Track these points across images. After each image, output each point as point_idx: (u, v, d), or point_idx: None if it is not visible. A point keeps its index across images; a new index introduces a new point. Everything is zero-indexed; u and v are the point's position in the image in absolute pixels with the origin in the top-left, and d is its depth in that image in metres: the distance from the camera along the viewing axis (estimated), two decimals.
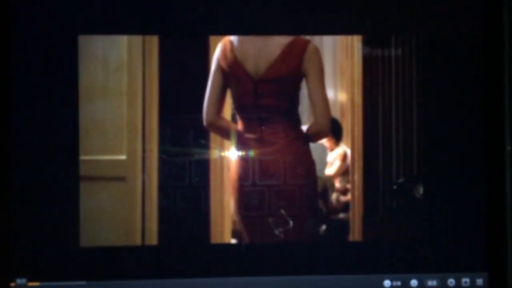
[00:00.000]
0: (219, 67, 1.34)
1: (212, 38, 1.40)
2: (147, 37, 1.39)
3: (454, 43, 1.39)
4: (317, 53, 1.33)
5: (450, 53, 1.39)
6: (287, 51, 1.31)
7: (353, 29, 1.40)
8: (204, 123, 1.35)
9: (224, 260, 1.38)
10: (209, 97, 1.33)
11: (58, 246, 1.35)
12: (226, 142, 1.41)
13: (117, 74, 1.38)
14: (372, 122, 1.41)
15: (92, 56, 1.37)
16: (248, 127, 1.35)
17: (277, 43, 1.32)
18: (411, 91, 1.40)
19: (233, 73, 1.33)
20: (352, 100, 1.41)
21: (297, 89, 1.35)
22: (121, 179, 1.38)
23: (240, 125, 1.39)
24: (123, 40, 1.39)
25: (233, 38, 1.38)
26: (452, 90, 1.39)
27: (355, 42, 1.41)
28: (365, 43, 1.40)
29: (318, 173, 1.44)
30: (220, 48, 1.35)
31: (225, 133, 1.35)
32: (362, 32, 1.40)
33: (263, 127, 1.32)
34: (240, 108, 1.35)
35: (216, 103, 1.33)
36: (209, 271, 1.38)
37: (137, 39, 1.38)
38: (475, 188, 1.38)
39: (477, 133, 1.39)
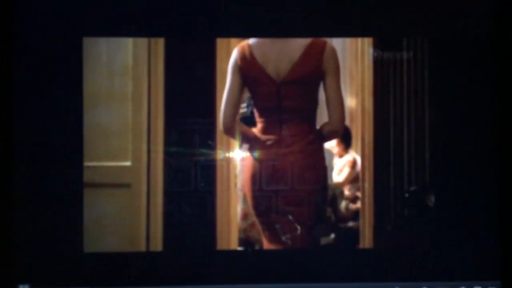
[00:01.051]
0: (238, 71, 1.34)
1: (219, 41, 1.38)
2: (153, 39, 1.37)
3: (466, 47, 1.37)
4: (334, 54, 1.34)
5: (463, 57, 1.37)
6: (307, 52, 1.32)
7: (364, 31, 1.37)
8: (222, 127, 1.35)
9: (231, 267, 1.36)
10: (227, 101, 1.33)
11: (62, 251, 1.33)
12: (232, 146, 1.40)
13: (122, 78, 1.36)
14: (383, 128, 1.39)
15: (97, 60, 1.35)
16: (267, 129, 1.35)
17: (297, 45, 1.33)
18: (423, 96, 1.37)
19: (254, 76, 1.33)
20: (362, 105, 1.39)
21: (317, 90, 1.36)
22: (126, 186, 1.36)
23: (258, 128, 1.38)
24: (128, 43, 1.36)
25: (252, 42, 1.38)
26: (465, 95, 1.37)
27: (366, 45, 1.38)
28: (376, 46, 1.37)
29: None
30: (238, 53, 1.35)
31: (242, 136, 1.36)
32: (372, 34, 1.38)
33: (282, 129, 1.33)
34: (261, 110, 1.35)
35: (234, 107, 1.34)
36: (215, 278, 1.36)
37: (142, 41, 1.36)
38: (488, 196, 1.36)
39: (490, 139, 1.36)
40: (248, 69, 1.33)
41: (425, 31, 1.37)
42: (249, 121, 1.42)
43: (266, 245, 1.39)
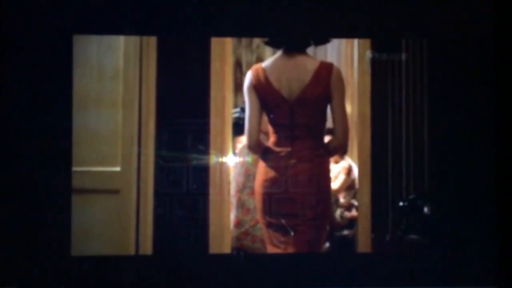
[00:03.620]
0: (254, 94, 1.43)
1: (213, 40, 1.37)
2: (145, 39, 1.34)
3: (465, 48, 1.35)
4: (340, 75, 1.41)
5: (462, 58, 1.35)
6: (317, 75, 1.41)
7: (361, 32, 1.36)
8: (248, 145, 1.43)
9: (224, 271, 1.34)
10: (250, 122, 1.43)
11: (48, 254, 1.30)
12: (226, 149, 1.41)
13: (113, 80, 1.33)
14: (381, 134, 1.38)
15: (87, 62, 1.32)
16: (280, 143, 1.43)
17: (307, 68, 1.42)
18: (422, 100, 1.35)
19: (269, 97, 1.43)
20: (359, 109, 1.40)
21: (325, 109, 1.43)
22: (115, 192, 1.33)
23: (272, 141, 1.44)
24: (119, 44, 1.33)
25: (265, 65, 1.43)
26: (464, 99, 1.35)
27: (363, 47, 1.37)
28: (374, 48, 1.36)
29: None
30: (252, 77, 1.43)
31: (263, 151, 1.45)
32: (371, 35, 1.36)
33: (294, 143, 1.42)
34: (275, 127, 1.44)
35: (257, 127, 1.44)
36: (207, 283, 1.33)
37: (134, 41, 1.33)
38: (485, 203, 1.34)
39: (489, 147, 1.34)
40: (263, 91, 1.42)
41: (424, 32, 1.35)
42: (242, 126, 1.47)
43: (270, 247, 1.41)
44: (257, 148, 1.44)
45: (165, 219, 1.35)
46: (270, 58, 1.43)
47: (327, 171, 1.44)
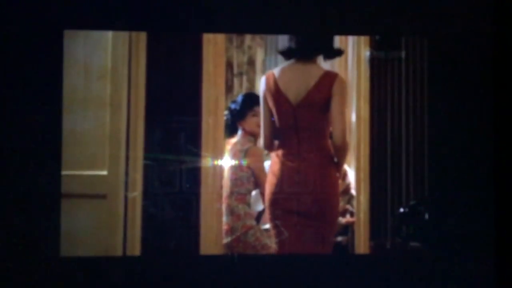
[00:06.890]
0: (266, 100, 1.54)
1: (205, 36, 1.35)
2: (134, 35, 1.31)
3: (465, 47, 1.34)
4: (343, 85, 1.49)
5: (461, 57, 1.33)
6: (320, 81, 1.49)
7: (360, 30, 1.34)
8: (263, 145, 1.55)
9: (215, 273, 1.30)
10: (264, 125, 1.56)
11: (37, 255, 1.26)
12: (218, 150, 1.42)
13: (101, 81, 1.30)
14: (380, 138, 1.39)
15: (74, 62, 1.28)
16: (287, 145, 1.52)
17: (312, 75, 1.51)
18: (422, 102, 1.34)
19: (276, 100, 1.52)
20: (357, 112, 1.43)
21: (328, 113, 1.49)
22: (102, 197, 1.30)
23: (279, 142, 1.53)
24: (107, 42, 1.30)
25: (276, 72, 1.52)
26: (465, 103, 1.32)
27: (361, 46, 1.38)
28: (373, 46, 1.37)
29: None
30: (265, 82, 1.54)
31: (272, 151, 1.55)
32: (370, 33, 1.35)
33: (299, 145, 1.50)
34: (281, 128, 1.53)
35: (270, 128, 1.55)
36: (198, 285, 1.29)
37: (123, 39, 1.31)
38: (487, 209, 1.32)
39: (490, 151, 1.32)
40: (272, 94, 1.51)
41: (424, 30, 1.34)
42: (229, 129, 1.57)
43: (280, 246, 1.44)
44: (271, 149, 1.53)
45: (155, 219, 1.33)
46: (281, 65, 1.51)
47: (332, 172, 1.48)
